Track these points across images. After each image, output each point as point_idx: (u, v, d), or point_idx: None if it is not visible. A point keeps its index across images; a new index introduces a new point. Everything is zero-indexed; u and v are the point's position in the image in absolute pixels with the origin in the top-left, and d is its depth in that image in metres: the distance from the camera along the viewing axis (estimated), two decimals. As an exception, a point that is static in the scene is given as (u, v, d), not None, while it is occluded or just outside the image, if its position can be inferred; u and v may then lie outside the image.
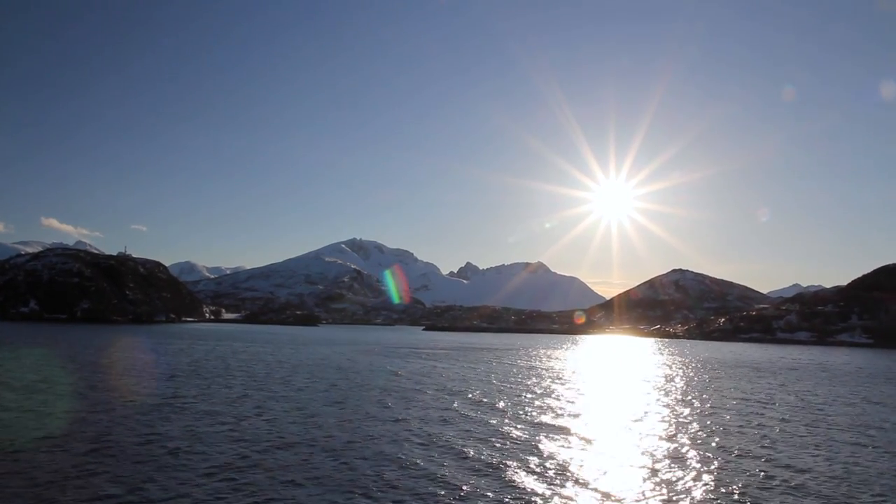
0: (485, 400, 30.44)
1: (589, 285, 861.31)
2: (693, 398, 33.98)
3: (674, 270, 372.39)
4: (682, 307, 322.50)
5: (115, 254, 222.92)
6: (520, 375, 45.81)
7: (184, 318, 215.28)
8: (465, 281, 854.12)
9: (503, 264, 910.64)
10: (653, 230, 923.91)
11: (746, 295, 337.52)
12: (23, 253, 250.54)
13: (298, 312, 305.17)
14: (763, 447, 21.08)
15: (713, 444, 21.11)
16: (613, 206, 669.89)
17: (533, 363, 60.97)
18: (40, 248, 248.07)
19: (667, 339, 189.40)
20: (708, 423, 25.79)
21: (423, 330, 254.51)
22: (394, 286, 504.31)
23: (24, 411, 23.16)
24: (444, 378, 40.71)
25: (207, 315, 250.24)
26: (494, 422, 23.99)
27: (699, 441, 21.77)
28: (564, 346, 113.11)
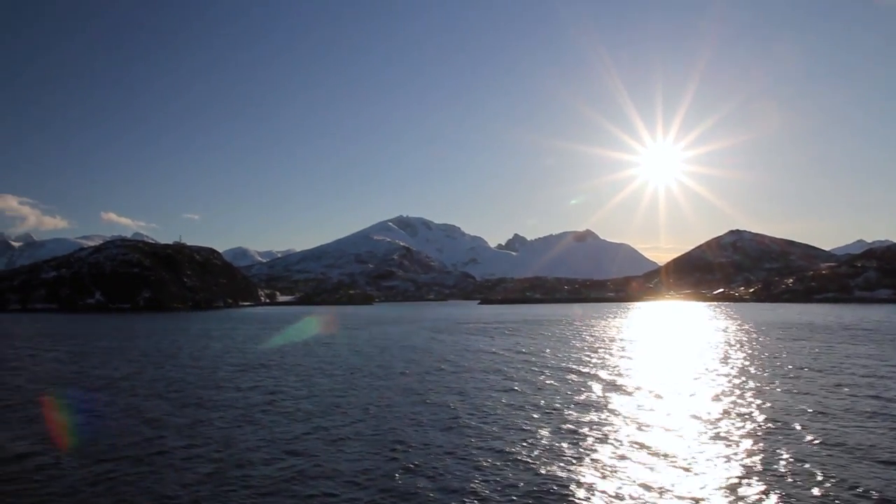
0: (615, 379, 27.13)
1: (639, 251, 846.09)
2: (791, 370, 29.90)
3: (730, 232, 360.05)
4: (741, 269, 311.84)
5: (170, 243, 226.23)
6: (606, 346, 42.25)
7: (241, 303, 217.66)
8: (513, 253, 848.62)
9: (551, 234, 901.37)
10: (701, 193, 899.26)
11: (810, 254, 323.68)
12: (85, 247, 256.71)
13: (351, 292, 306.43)
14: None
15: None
16: (661, 170, 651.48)
17: (611, 333, 57.19)
18: (101, 242, 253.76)
19: (732, 303, 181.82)
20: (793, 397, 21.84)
21: (479, 304, 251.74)
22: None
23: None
24: (543, 353, 37.45)
25: (263, 299, 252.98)
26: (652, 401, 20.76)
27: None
28: (630, 315, 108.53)
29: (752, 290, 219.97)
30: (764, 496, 12.14)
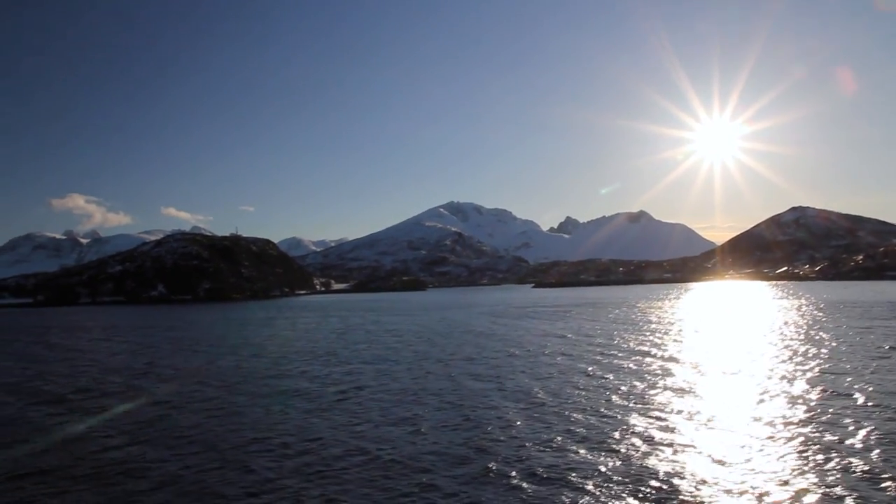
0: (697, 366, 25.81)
1: (695, 230, 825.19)
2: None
3: (792, 209, 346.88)
4: (804, 247, 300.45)
5: (227, 235, 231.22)
6: (677, 327, 40.62)
7: (297, 292, 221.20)
8: (566, 236, 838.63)
9: (603, 216, 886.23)
10: (759, 170, 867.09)
11: (881, 229, 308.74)
12: (147, 241, 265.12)
13: (405, 278, 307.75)
14: None
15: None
16: (717, 147, 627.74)
17: (677, 315, 55.26)
18: (162, 236, 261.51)
19: (797, 282, 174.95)
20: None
21: (532, 287, 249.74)
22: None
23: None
24: (610, 336, 36.18)
25: (318, 287, 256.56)
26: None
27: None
28: (691, 295, 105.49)
29: (817, 268, 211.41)
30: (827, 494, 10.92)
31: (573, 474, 12.24)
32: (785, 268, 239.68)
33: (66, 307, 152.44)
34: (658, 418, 16.44)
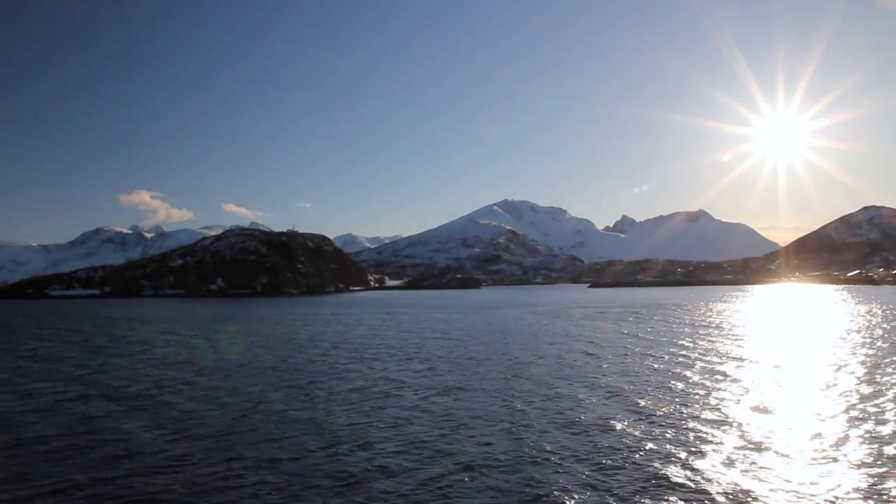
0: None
1: (756, 231, 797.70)
2: None
3: (864, 209, 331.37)
4: (878, 249, 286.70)
5: (284, 231, 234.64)
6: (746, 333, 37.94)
7: (351, 288, 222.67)
8: (621, 235, 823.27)
9: (661, 215, 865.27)
10: (826, 167, 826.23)
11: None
12: (208, 236, 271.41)
13: (459, 276, 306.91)
14: None
15: None
16: (781, 143, 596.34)
17: (745, 319, 52.19)
18: (221, 231, 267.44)
19: (870, 287, 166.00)
20: None
21: (588, 287, 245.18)
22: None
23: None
24: (681, 341, 33.96)
25: (372, 283, 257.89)
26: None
27: None
28: (757, 298, 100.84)
29: (894, 271, 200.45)
30: None
31: (681, 480, 11.38)
32: (857, 271, 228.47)
33: (131, 299, 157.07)
34: (766, 433, 14.71)
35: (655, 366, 26.36)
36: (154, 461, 13.41)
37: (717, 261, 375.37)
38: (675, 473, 12.19)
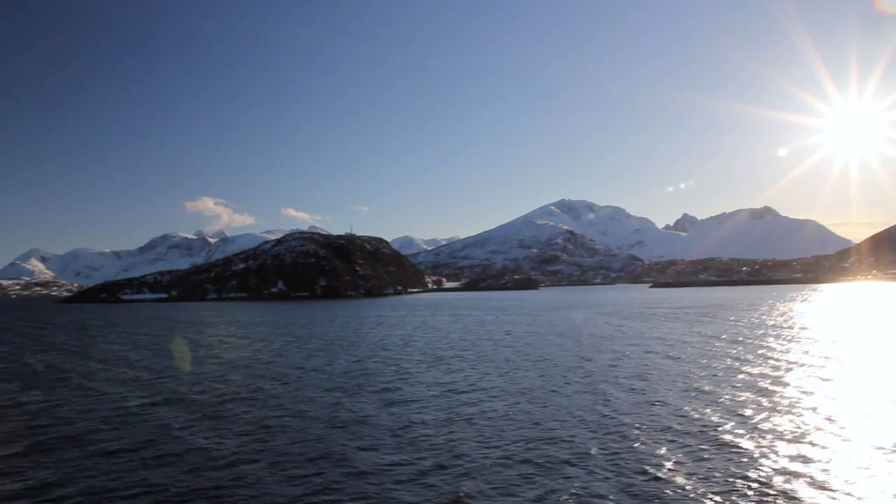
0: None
1: (827, 227, 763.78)
2: None
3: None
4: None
5: (342, 234, 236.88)
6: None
7: (409, 290, 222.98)
8: (682, 233, 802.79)
9: (724, 212, 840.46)
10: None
11: None
12: (269, 240, 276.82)
13: (517, 277, 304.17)
14: None
15: None
16: (853, 133, 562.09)
17: (824, 320, 48.71)
18: (281, 235, 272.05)
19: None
20: None
21: (650, 287, 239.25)
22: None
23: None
24: (766, 345, 31.57)
25: (430, 285, 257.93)
26: None
27: None
28: (831, 298, 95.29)
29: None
30: None
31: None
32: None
33: (196, 302, 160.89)
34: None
35: (747, 370, 24.25)
36: (221, 474, 12.40)
37: (786, 259, 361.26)
38: (802, 491, 10.71)
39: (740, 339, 36.57)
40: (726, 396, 19.23)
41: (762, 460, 12.58)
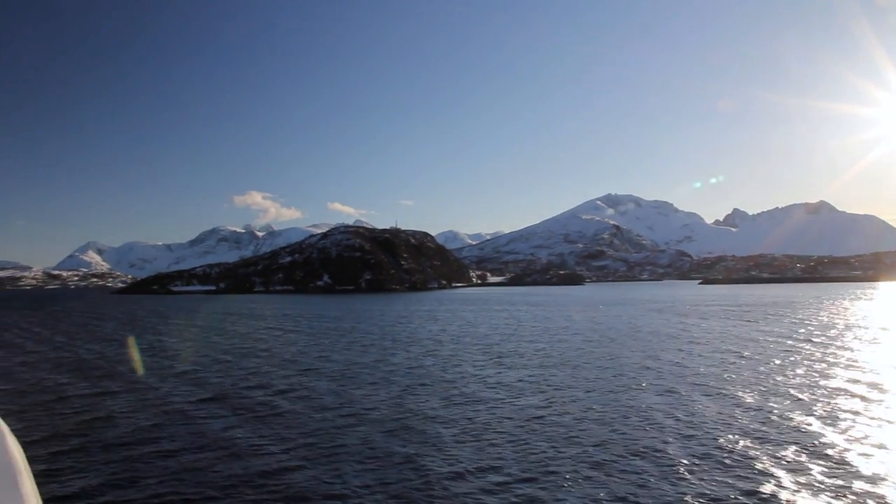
0: None
1: (889, 223, 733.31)
2: None
3: None
4: None
5: (387, 228, 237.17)
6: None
7: (454, 284, 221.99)
8: (732, 229, 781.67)
9: (776, 207, 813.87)
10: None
11: None
12: (314, 234, 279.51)
13: (562, 272, 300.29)
14: None
15: None
16: None
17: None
18: (327, 229, 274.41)
19: None
20: None
21: (699, 284, 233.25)
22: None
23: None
24: (849, 347, 29.40)
25: (474, 280, 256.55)
26: None
27: None
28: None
29: None
30: None
31: None
32: None
33: (243, 294, 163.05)
34: None
35: (831, 372, 22.31)
36: (266, 478, 11.32)
37: (843, 255, 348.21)
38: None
39: (814, 339, 34.24)
40: (813, 399, 17.64)
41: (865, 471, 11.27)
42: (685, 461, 12.27)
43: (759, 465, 11.91)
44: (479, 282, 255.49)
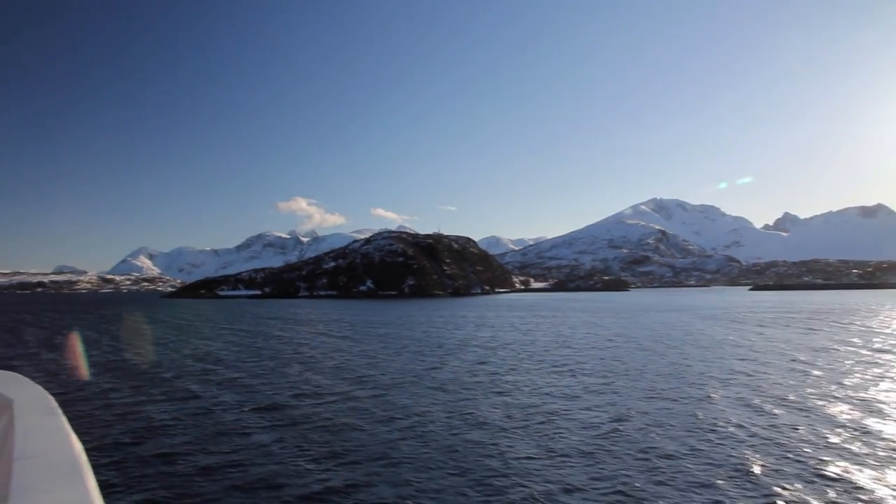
0: None
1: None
2: None
3: None
4: None
5: (430, 233, 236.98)
6: None
7: (497, 290, 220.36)
8: (783, 233, 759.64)
9: (830, 211, 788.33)
10: None
11: None
12: (358, 239, 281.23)
13: (606, 278, 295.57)
14: None
15: None
16: None
17: None
18: (370, 235, 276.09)
19: None
20: None
21: (749, 290, 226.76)
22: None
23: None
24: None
25: (517, 285, 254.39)
26: None
27: None
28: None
29: None
30: None
31: None
32: None
33: (288, 299, 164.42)
34: None
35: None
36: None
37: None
38: None
39: (894, 349, 31.98)
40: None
41: None
42: (777, 485, 10.91)
43: (859, 484, 10.51)
44: (522, 287, 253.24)
